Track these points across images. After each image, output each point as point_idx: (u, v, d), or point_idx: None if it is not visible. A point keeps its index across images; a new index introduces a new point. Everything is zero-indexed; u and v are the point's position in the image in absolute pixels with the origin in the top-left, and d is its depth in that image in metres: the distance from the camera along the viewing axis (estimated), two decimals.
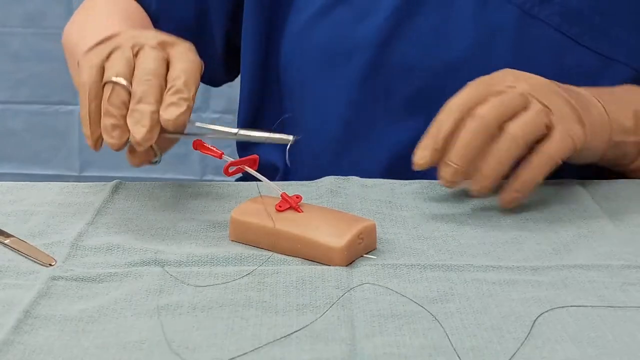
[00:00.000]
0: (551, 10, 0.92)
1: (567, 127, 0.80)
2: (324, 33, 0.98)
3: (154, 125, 0.76)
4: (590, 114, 0.84)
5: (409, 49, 0.96)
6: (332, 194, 0.87)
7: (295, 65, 1.01)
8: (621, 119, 0.87)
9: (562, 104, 0.82)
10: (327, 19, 0.98)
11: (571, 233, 0.79)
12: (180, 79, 0.78)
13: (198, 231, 0.80)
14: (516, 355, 0.60)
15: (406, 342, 0.62)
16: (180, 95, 0.77)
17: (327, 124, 0.99)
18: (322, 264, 0.73)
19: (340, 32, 0.97)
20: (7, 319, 0.65)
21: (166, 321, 0.65)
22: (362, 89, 0.97)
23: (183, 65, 0.79)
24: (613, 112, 0.86)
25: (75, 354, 0.61)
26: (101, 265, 0.73)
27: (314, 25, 0.99)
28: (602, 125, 0.85)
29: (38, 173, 2.23)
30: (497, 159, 0.79)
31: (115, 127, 0.77)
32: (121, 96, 0.77)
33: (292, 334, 0.63)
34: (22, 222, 0.81)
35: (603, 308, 0.67)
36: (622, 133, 0.87)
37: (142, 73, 0.78)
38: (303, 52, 1.00)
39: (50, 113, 2.21)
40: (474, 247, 0.77)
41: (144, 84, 0.77)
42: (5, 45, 2.18)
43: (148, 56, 0.79)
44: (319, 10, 0.99)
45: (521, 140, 0.79)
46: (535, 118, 0.79)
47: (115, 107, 0.77)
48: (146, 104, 0.76)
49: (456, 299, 0.68)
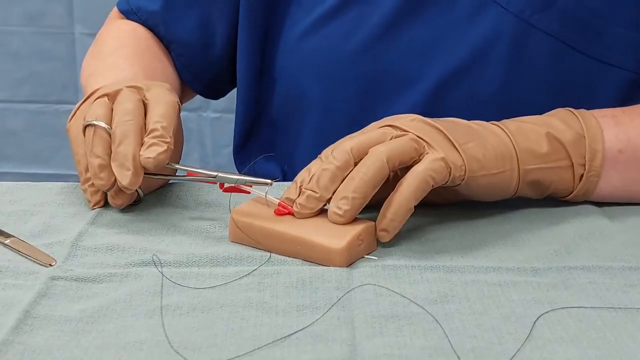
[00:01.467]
0: (550, 18, 0.91)
1: (439, 151, 0.76)
2: (319, 44, 0.98)
3: (138, 168, 0.78)
4: (483, 142, 0.79)
5: (404, 59, 0.95)
6: None
7: (291, 76, 1.01)
8: (533, 146, 0.81)
9: (435, 133, 0.78)
10: (322, 30, 0.97)
11: (572, 234, 0.79)
12: (159, 122, 0.80)
13: (198, 231, 0.80)
14: (516, 356, 0.60)
15: (407, 343, 0.62)
16: (160, 139, 0.79)
17: (324, 134, 0.99)
18: (323, 265, 0.73)
19: (335, 42, 0.97)
20: (6, 319, 0.65)
21: (166, 321, 0.65)
22: (358, 99, 0.97)
23: (161, 108, 0.81)
24: (522, 141, 0.81)
25: (74, 354, 0.61)
26: (101, 266, 0.73)
27: (309, 36, 0.98)
28: (504, 152, 0.80)
29: (38, 172, 2.23)
30: (361, 175, 0.75)
31: (103, 167, 0.79)
32: (103, 137, 0.80)
33: (292, 334, 0.63)
34: (22, 222, 0.81)
35: (604, 309, 0.67)
36: (535, 159, 0.81)
37: (120, 114, 0.80)
38: (298, 63, 0.99)
39: (50, 112, 2.21)
40: (475, 248, 0.77)
41: (124, 125, 0.79)
42: (5, 45, 2.18)
43: (125, 98, 0.82)
44: (315, 21, 0.98)
45: (384, 155, 0.75)
46: (404, 142, 0.76)
47: (99, 147, 0.80)
48: (127, 146, 0.78)
49: (456, 300, 0.68)
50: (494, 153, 0.79)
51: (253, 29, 1.02)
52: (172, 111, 0.82)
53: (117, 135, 0.79)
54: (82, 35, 2.15)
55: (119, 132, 0.79)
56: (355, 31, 0.96)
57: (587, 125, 0.83)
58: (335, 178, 0.76)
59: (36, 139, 2.23)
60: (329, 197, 0.76)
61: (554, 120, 0.83)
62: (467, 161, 0.77)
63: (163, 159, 0.78)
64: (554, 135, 0.82)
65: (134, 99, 0.82)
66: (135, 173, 0.78)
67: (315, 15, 0.98)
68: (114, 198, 0.82)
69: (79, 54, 2.16)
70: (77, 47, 2.17)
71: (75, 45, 2.17)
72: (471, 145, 0.78)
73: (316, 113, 1.00)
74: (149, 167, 0.78)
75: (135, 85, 0.84)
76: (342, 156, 0.76)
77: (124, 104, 0.81)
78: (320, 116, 1.00)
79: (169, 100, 0.83)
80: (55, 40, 2.17)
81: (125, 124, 0.79)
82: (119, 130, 0.79)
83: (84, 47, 2.16)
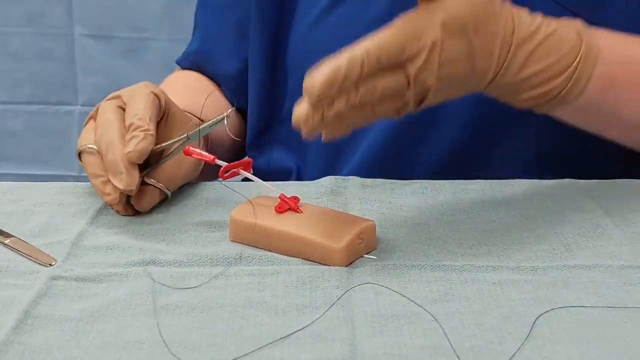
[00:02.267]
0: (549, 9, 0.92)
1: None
2: (326, 31, 0.99)
3: (129, 167, 0.79)
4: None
5: None
6: (332, 194, 0.87)
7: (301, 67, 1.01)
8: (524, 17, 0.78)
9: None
10: (329, 18, 0.99)
11: (571, 233, 0.79)
12: (134, 116, 0.81)
13: (198, 231, 0.80)
14: (516, 356, 0.60)
15: (406, 343, 0.62)
16: (138, 130, 0.80)
17: None
18: (323, 264, 0.73)
19: (339, 32, 0.98)
20: (7, 319, 0.65)
21: (166, 321, 0.65)
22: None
23: (135, 103, 0.83)
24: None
25: (75, 354, 0.61)
26: (101, 265, 0.73)
27: (317, 25, 0.99)
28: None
29: (38, 173, 2.23)
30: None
31: (105, 183, 0.80)
32: (94, 157, 0.81)
33: (292, 334, 0.63)
34: (22, 222, 0.81)
35: (604, 308, 0.67)
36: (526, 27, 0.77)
37: (101, 126, 0.82)
38: (308, 52, 1.00)
39: (50, 113, 2.21)
40: (474, 248, 0.77)
41: (105, 136, 0.81)
42: (5, 45, 2.18)
43: (103, 110, 0.84)
44: (322, 10, 0.99)
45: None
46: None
47: (94, 166, 0.81)
48: (114, 152, 0.79)
49: (456, 299, 0.68)
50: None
51: (264, 26, 1.03)
52: (146, 102, 0.82)
53: (102, 147, 0.80)
54: (82, 36, 2.15)
55: (103, 143, 0.80)
56: (360, 15, 0.97)
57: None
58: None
59: (36, 140, 2.23)
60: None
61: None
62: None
63: (144, 147, 0.79)
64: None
65: (112, 107, 0.83)
66: (128, 173, 0.79)
67: (322, 4, 0.99)
68: (136, 204, 0.82)
69: (79, 55, 2.17)
70: (76, 48, 2.17)
71: (74, 45, 2.17)
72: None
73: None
74: (134, 160, 0.79)
75: (114, 96, 0.85)
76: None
77: (103, 115, 0.83)
78: None
79: (142, 93, 0.84)
80: (54, 40, 2.17)
81: (107, 133, 0.81)
82: (103, 142, 0.81)
83: (84, 47, 2.16)
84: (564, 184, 0.90)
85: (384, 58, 0.71)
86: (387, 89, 0.72)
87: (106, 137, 0.81)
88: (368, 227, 0.75)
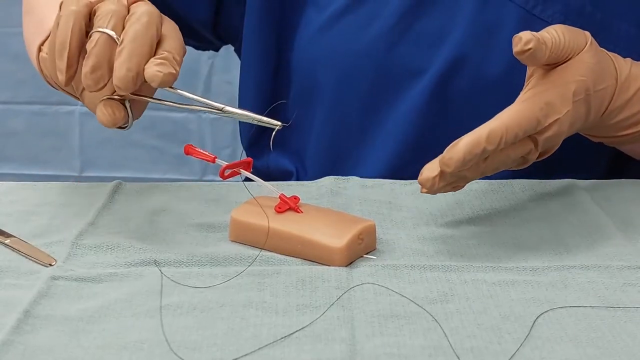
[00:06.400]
0: (554, 9, 0.92)
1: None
2: (333, 39, 0.99)
3: (140, 71, 0.73)
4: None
5: (415, 50, 0.96)
6: (332, 194, 0.87)
7: (305, 72, 1.01)
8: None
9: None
10: (337, 26, 0.99)
11: (571, 233, 0.79)
12: (171, 52, 0.75)
13: (198, 231, 0.80)
14: (516, 356, 0.60)
15: (406, 343, 0.62)
16: (170, 60, 0.74)
17: (338, 128, 1.00)
18: (322, 264, 0.73)
19: (348, 37, 0.98)
20: (7, 319, 0.65)
21: (166, 321, 0.65)
22: (369, 92, 0.98)
23: (175, 42, 0.77)
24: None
25: (75, 354, 0.61)
26: (101, 265, 0.73)
27: (324, 32, 0.99)
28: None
29: (38, 173, 2.23)
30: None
31: (96, 68, 0.73)
32: (109, 45, 0.74)
33: (292, 334, 0.63)
34: (23, 222, 0.82)
35: (603, 308, 0.67)
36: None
37: (133, 28, 0.74)
38: (313, 58, 1.00)
39: (51, 113, 2.21)
40: (474, 248, 0.77)
41: (135, 40, 0.74)
42: (6, 45, 2.18)
43: (143, 14, 0.76)
44: (329, 18, 0.99)
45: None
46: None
47: (101, 51, 0.74)
48: (135, 48, 0.73)
49: (456, 300, 0.68)
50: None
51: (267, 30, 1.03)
52: (183, 50, 0.78)
53: (126, 44, 0.73)
54: None
55: (128, 40, 0.74)
56: (368, 26, 0.98)
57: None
58: None
59: (36, 140, 2.23)
60: None
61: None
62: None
63: (170, 80, 0.73)
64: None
65: (151, 22, 0.76)
66: (135, 74, 0.72)
67: (330, 12, 1.00)
68: (104, 107, 0.75)
69: None
70: None
71: None
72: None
73: (327, 109, 1.00)
74: (153, 83, 0.73)
75: (157, 11, 0.77)
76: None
77: (140, 21, 0.75)
78: (331, 112, 1.00)
79: (182, 39, 0.78)
80: None
81: (136, 40, 0.74)
82: (129, 38, 0.74)
83: None
84: (564, 184, 0.90)
85: (521, 134, 0.74)
86: (516, 157, 0.76)
87: (134, 41, 0.73)
88: (368, 227, 0.75)
